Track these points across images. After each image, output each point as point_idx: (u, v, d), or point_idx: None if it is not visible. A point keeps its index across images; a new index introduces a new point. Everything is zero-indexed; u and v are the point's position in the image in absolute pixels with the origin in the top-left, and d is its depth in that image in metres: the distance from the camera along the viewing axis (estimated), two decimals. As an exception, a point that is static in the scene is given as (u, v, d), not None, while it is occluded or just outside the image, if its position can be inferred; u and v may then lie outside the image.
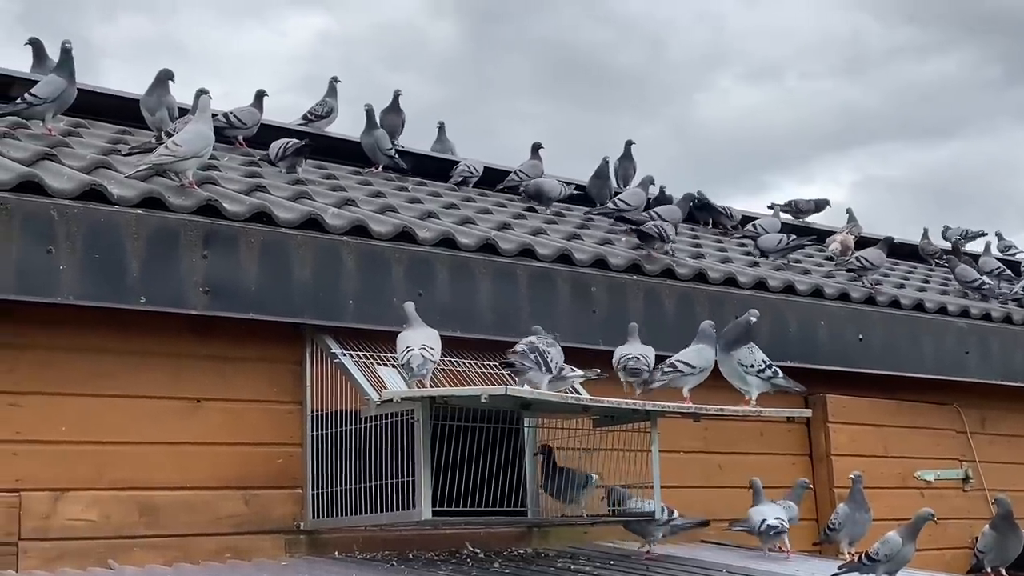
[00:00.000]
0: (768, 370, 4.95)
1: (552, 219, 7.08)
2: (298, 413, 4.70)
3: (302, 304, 4.54)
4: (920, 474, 6.70)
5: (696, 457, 5.80)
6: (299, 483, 4.64)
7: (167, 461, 4.40)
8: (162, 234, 4.25)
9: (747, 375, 4.90)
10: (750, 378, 4.90)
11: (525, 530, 5.16)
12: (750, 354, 4.93)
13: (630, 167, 8.65)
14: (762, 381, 4.95)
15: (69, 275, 4.01)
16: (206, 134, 4.89)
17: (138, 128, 6.42)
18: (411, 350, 4.34)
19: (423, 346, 4.35)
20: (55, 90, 5.45)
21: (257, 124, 6.91)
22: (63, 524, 4.14)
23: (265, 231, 4.52)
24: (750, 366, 4.91)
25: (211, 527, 4.44)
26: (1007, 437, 7.34)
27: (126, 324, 4.31)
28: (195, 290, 4.28)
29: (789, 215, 9.70)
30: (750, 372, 4.89)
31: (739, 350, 4.91)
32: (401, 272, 4.81)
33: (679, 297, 5.73)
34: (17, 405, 4.13)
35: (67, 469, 4.18)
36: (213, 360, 4.55)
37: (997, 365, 7.10)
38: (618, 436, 4.82)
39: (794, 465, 6.32)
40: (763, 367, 4.94)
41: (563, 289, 5.32)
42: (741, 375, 4.91)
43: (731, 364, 4.92)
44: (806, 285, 6.50)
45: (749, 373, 4.89)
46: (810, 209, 9.88)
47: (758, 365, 4.92)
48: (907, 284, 8.16)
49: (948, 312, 7.05)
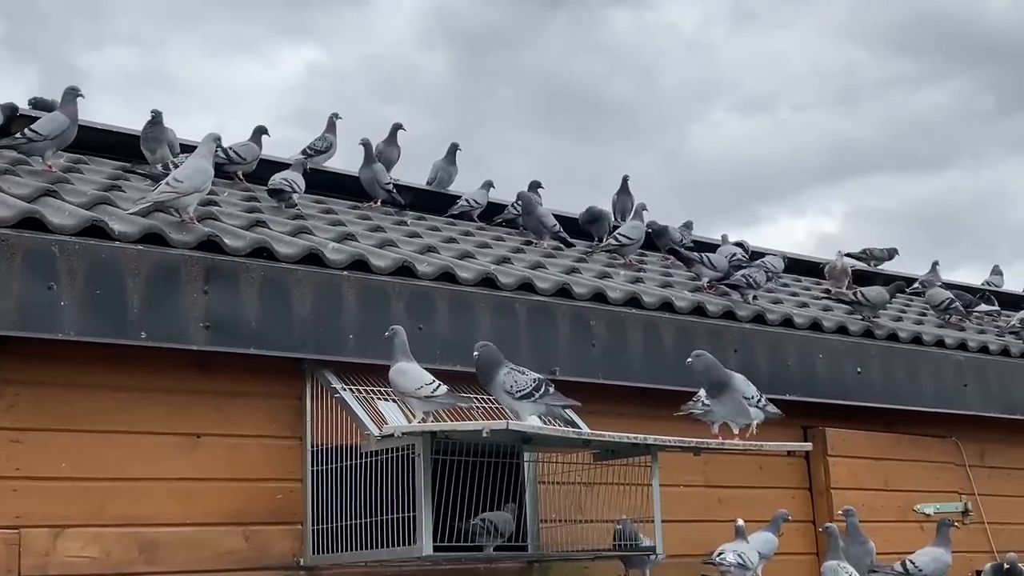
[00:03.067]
0: (761, 399, 4.95)
1: (551, 253, 7.09)
2: (298, 448, 4.69)
3: (302, 339, 4.55)
4: (919, 507, 6.70)
5: (696, 491, 5.80)
6: (299, 519, 4.63)
7: (167, 497, 4.38)
8: (163, 270, 4.26)
9: (751, 407, 4.88)
10: (753, 410, 4.88)
11: (526, 565, 5.14)
12: (748, 386, 4.92)
13: (628, 201, 8.67)
14: (759, 410, 4.93)
15: (70, 311, 4.02)
16: (206, 169, 4.92)
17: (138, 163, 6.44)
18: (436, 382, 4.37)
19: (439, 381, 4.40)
20: (57, 127, 5.48)
21: (257, 159, 6.93)
22: (63, 561, 4.12)
23: (265, 266, 4.53)
24: (751, 397, 4.89)
25: (211, 563, 4.42)
26: (1006, 470, 7.34)
27: (127, 360, 4.31)
28: (196, 325, 4.29)
29: (863, 263, 10.07)
30: (752, 403, 4.88)
31: (738, 385, 4.88)
32: (401, 306, 4.81)
33: (678, 330, 5.74)
34: (17, 441, 4.12)
35: (67, 505, 4.17)
36: (213, 395, 4.55)
37: (996, 398, 7.11)
38: (618, 470, 4.82)
39: (793, 499, 6.31)
40: (759, 396, 4.94)
41: (562, 323, 5.32)
42: (746, 409, 4.88)
43: (735, 400, 4.88)
44: (804, 318, 6.51)
45: (752, 405, 4.88)
46: (883, 257, 10.22)
47: (756, 395, 4.92)
48: (904, 317, 8.18)
49: (946, 345, 7.06)
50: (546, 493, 4.98)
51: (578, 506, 4.92)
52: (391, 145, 7.98)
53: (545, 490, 4.98)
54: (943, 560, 5.33)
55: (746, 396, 4.87)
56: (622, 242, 7.38)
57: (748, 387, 4.89)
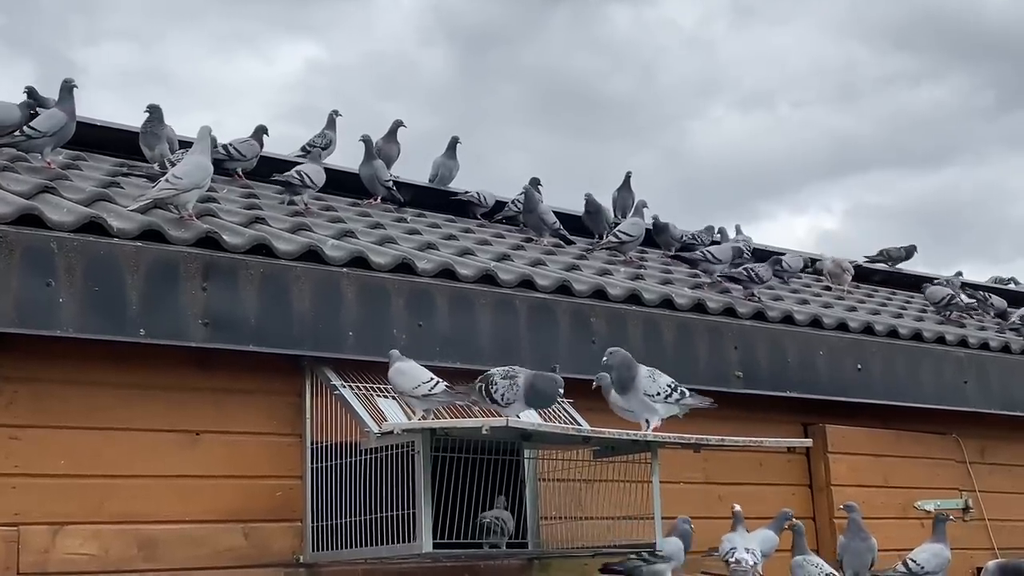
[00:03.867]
0: (675, 392, 4.71)
1: (551, 250, 7.09)
2: (298, 445, 4.69)
3: (302, 336, 4.54)
4: (920, 504, 6.69)
5: (696, 488, 5.79)
6: (299, 516, 4.62)
7: (166, 494, 4.38)
8: (162, 266, 4.25)
9: (655, 403, 4.66)
10: (658, 406, 4.67)
11: (526, 562, 5.14)
12: (653, 383, 4.69)
13: (629, 198, 8.65)
14: (670, 406, 4.71)
15: (69, 308, 4.01)
16: (205, 165, 4.91)
17: (137, 161, 6.43)
18: (433, 380, 4.38)
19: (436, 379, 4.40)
20: (55, 124, 5.47)
21: (256, 157, 6.91)
22: (62, 558, 4.12)
23: (265, 263, 4.52)
24: (656, 394, 4.65)
25: (210, 560, 4.41)
26: (1007, 467, 7.34)
27: (125, 357, 4.30)
28: (195, 322, 4.28)
29: (883, 263, 10.17)
30: (657, 400, 4.66)
31: (641, 382, 4.66)
32: (401, 303, 4.81)
33: (678, 327, 5.73)
34: (16, 438, 4.12)
35: (66, 503, 4.16)
36: (213, 393, 4.54)
37: (996, 395, 7.11)
38: (618, 467, 4.81)
39: (794, 496, 6.30)
40: (669, 391, 4.69)
41: (563, 320, 5.32)
42: (650, 406, 4.67)
43: (638, 399, 4.67)
44: (804, 315, 6.50)
45: (657, 401, 4.66)
46: (900, 256, 10.25)
47: (664, 391, 4.68)
48: (905, 314, 8.17)
49: (947, 342, 7.06)
50: (546, 490, 4.97)
51: (578, 503, 4.92)
52: (391, 142, 7.97)
53: (545, 487, 4.97)
54: (943, 555, 5.33)
55: (648, 393, 4.66)
56: (622, 239, 7.37)
57: (652, 384, 4.67)
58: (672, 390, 4.69)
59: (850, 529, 5.59)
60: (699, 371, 5.75)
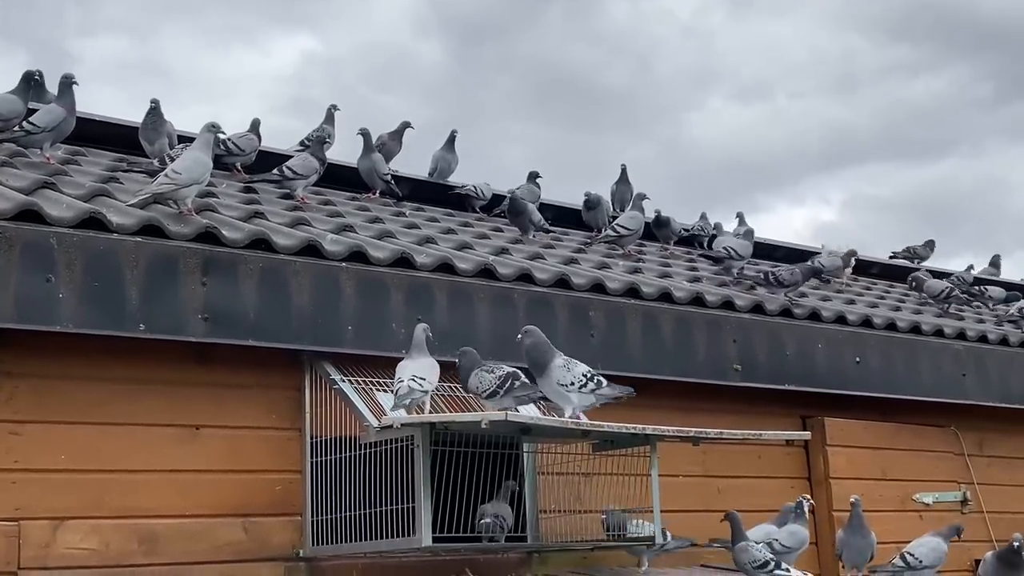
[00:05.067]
0: (590, 383, 4.53)
1: (550, 244, 7.09)
2: (297, 440, 4.70)
3: (301, 330, 4.55)
4: (918, 497, 6.71)
5: (695, 481, 5.81)
6: (298, 510, 4.64)
7: (166, 489, 4.39)
8: (161, 261, 4.26)
9: (569, 393, 4.52)
10: (572, 395, 4.52)
11: (525, 556, 5.15)
12: (567, 372, 4.52)
13: (627, 191, 8.66)
14: (584, 395, 4.54)
15: (68, 303, 4.02)
16: (204, 161, 4.91)
17: (136, 156, 6.43)
18: (401, 381, 4.36)
19: (412, 376, 4.36)
20: (54, 119, 5.47)
21: (255, 151, 6.91)
22: (62, 553, 4.13)
23: (264, 258, 4.53)
24: (569, 384, 4.50)
25: (210, 555, 4.42)
26: (1005, 459, 7.35)
27: (125, 352, 4.31)
28: (194, 317, 4.29)
29: (907, 259, 10.40)
30: (571, 390, 4.52)
31: (555, 370, 4.50)
32: (400, 298, 4.81)
33: (677, 320, 5.74)
34: (16, 434, 4.13)
35: (66, 497, 4.17)
36: (212, 387, 4.55)
37: (995, 387, 7.12)
38: (617, 460, 4.82)
39: (792, 488, 6.31)
40: (584, 381, 4.51)
41: (561, 313, 5.32)
42: (563, 395, 4.53)
43: (551, 387, 4.54)
44: (803, 308, 6.51)
45: (571, 391, 4.52)
46: (926, 255, 10.51)
47: (578, 380, 4.52)
48: (903, 307, 8.18)
49: (945, 334, 7.07)
50: (545, 484, 4.98)
51: (577, 496, 4.93)
52: (395, 140, 8.00)
53: (544, 481, 4.98)
54: (941, 549, 5.34)
55: (561, 383, 4.50)
56: (620, 233, 7.38)
57: (566, 373, 4.52)
58: (587, 379, 4.52)
59: (851, 524, 5.57)
60: (698, 364, 5.76)
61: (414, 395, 4.32)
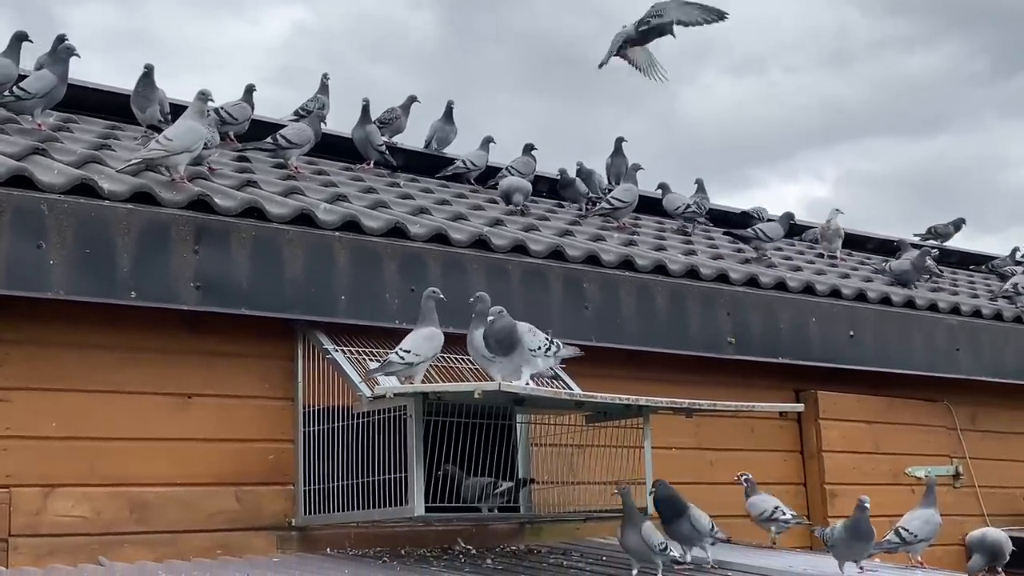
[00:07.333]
0: (552, 346, 4.48)
1: (545, 216, 7.07)
2: (290, 409, 4.69)
3: (294, 300, 4.53)
4: (911, 471, 6.72)
5: (688, 453, 5.81)
6: (291, 479, 4.63)
7: (158, 457, 4.38)
8: (153, 229, 4.24)
9: (536, 358, 4.44)
10: (539, 360, 4.45)
11: (518, 526, 5.16)
12: (534, 337, 4.45)
13: (622, 164, 8.61)
14: (547, 359, 4.50)
15: (59, 270, 4.00)
16: (197, 129, 4.88)
17: (128, 124, 6.40)
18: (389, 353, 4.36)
19: (399, 349, 4.36)
20: (45, 85, 5.43)
21: (248, 120, 6.87)
22: (53, 520, 4.12)
23: (257, 226, 4.51)
24: (538, 348, 4.43)
25: (202, 523, 4.42)
26: (997, 434, 7.37)
27: (117, 319, 4.30)
28: (186, 285, 4.27)
29: (932, 239, 10.16)
30: (538, 355, 4.46)
31: (524, 336, 4.41)
32: (393, 268, 4.80)
33: (671, 293, 5.73)
34: (7, 400, 4.12)
35: (57, 465, 4.17)
36: (204, 356, 4.54)
37: (988, 362, 7.13)
38: (611, 432, 4.82)
39: (785, 461, 6.33)
40: (547, 345, 4.47)
41: (555, 285, 5.31)
42: (534, 362, 4.45)
43: (523, 356, 4.44)
44: (797, 282, 6.50)
45: (537, 356, 4.45)
46: (948, 232, 10.28)
47: (544, 344, 4.46)
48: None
49: (939, 309, 7.06)
50: (538, 455, 4.98)
51: (570, 468, 4.93)
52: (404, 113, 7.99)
53: (537, 452, 4.98)
54: (934, 521, 5.32)
55: (531, 348, 4.43)
56: (615, 205, 7.36)
57: (533, 338, 4.46)
58: (549, 343, 4.49)
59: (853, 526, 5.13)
60: (691, 337, 5.76)
61: (393, 367, 4.32)
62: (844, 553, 4.70)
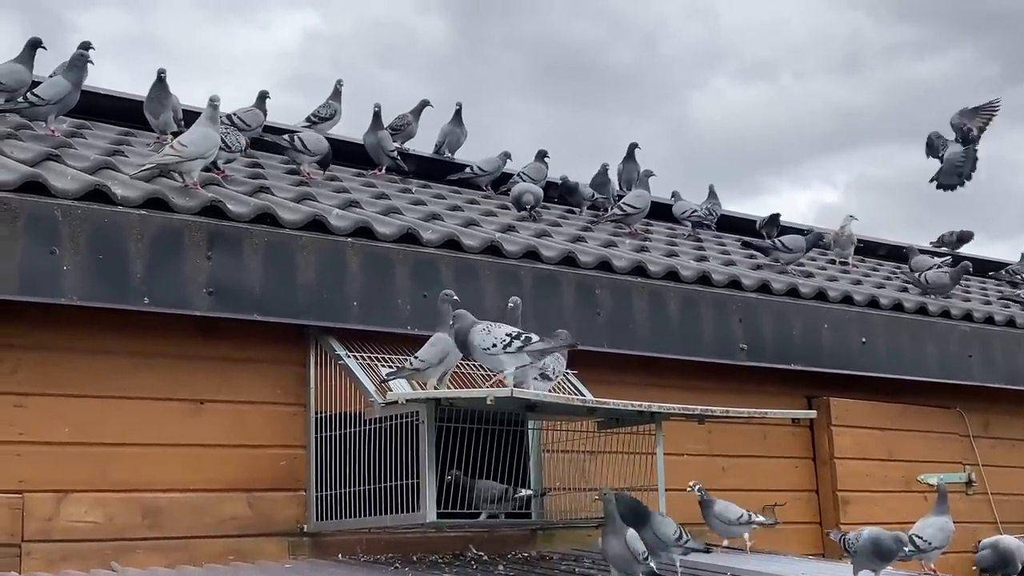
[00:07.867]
0: (517, 340, 4.29)
1: (557, 221, 7.07)
2: (302, 415, 4.69)
3: (306, 306, 4.53)
4: (923, 478, 6.69)
5: (699, 460, 5.79)
6: (303, 485, 4.63)
7: (170, 463, 4.39)
8: (166, 235, 4.24)
9: (495, 355, 4.30)
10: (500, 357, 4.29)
11: (529, 533, 5.15)
12: (487, 335, 4.31)
13: (633, 170, 8.61)
14: (514, 355, 4.30)
15: (73, 276, 4.00)
16: (212, 136, 4.88)
17: (141, 130, 6.41)
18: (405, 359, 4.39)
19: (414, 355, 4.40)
20: (59, 92, 5.44)
21: (261, 125, 6.87)
22: (66, 526, 4.13)
23: (269, 232, 4.51)
24: (491, 346, 4.28)
25: (214, 529, 4.43)
26: (1010, 441, 7.34)
27: (130, 325, 4.30)
28: (199, 291, 4.28)
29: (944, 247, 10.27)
30: (496, 352, 4.28)
31: (475, 335, 4.31)
32: (406, 273, 4.80)
33: (683, 299, 5.72)
34: (21, 406, 4.12)
35: (70, 470, 4.17)
36: (217, 361, 4.54)
37: (1000, 369, 7.10)
38: (622, 438, 4.81)
39: (797, 468, 6.31)
40: (508, 340, 4.28)
41: (567, 291, 5.31)
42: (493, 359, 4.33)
43: (479, 354, 4.36)
44: (809, 288, 6.49)
45: (495, 353, 4.28)
46: (953, 242, 10.34)
47: (501, 340, 4.29)
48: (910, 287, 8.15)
49: (951, 316, 7.04)
50: (550, 461, 4.97)
51: (582, 474, 4.92)
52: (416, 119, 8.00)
53: (549, 458, 4.97)
54: (948, 528, 5.31)
55: (483, 346, 4.30)
56: (627, 211, 7.36)
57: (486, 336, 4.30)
58: (512, 338, 4.30)
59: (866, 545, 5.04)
60: (704, 343, 5.75)
61: (402, 374, 4.36)
62: (864, 563, 4.67)
